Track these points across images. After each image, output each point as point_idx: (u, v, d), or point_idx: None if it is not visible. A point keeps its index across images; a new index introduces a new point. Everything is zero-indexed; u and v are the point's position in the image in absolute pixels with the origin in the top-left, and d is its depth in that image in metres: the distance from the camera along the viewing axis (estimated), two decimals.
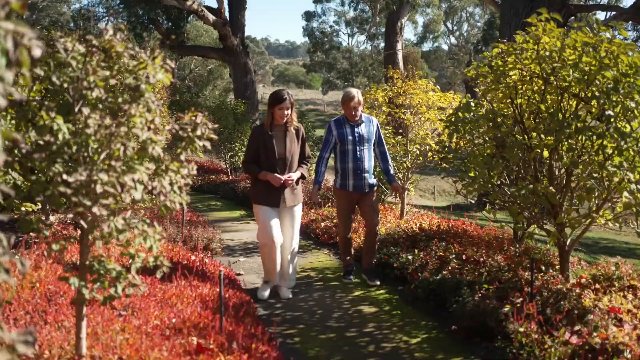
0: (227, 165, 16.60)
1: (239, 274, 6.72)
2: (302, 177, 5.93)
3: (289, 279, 6.03)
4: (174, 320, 4.18)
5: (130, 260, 3.18)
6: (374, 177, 6.41)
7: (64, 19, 38.04)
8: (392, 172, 6.50)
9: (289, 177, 5.70)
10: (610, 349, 3.68)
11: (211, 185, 15.57)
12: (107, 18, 23.68)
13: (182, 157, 3.31)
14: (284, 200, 5.74)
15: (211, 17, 20.17)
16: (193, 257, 6.23)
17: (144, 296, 4.57)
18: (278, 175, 5.63)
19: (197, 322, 4.20)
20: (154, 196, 3.14)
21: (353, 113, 6.21)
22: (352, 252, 6.64)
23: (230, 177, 16.13)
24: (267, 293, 5.85)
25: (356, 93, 6.23)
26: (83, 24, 23.48)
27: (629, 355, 3.59)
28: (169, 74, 3.17)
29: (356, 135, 6.21)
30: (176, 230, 7.60)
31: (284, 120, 5.71)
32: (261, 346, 3.94)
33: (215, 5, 20.88)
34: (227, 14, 20.93)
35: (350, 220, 6.47)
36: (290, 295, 5.88)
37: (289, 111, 5.70)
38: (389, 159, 6.52)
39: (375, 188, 6.41)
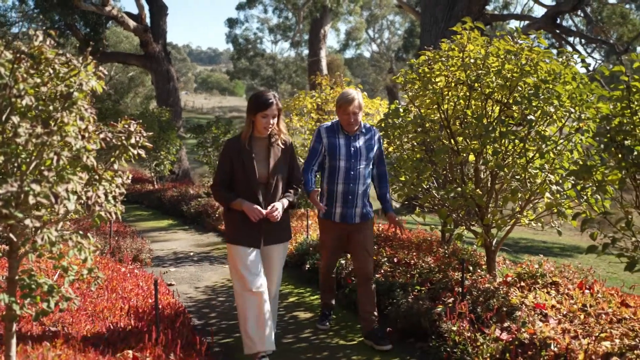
0: (152, 174, 16.26)
1: (170, 285, 6.59)
2: (291, 206, 4.40)
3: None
4: (107, 334, 4.07)
5: (63, 273, 3.09)
6: (371, 206, 4.92)
7: None
8: (389, 197, 5.00)
9: (272, 208, 4.17)
10: (538, 343, 3.85)
11: (136, 195, 15.22)
12: (21, 23, 22.70)
13: (116, 166, 3.24)
14: (266, 238, 4.27)
15: (131, 23, 19.75)
16: (123, 269, 6.08)
17: (74, 310, 4.43)
18: (258, 208, 4.12)
19: (132, 334, 4.10)
20: (85, 207, 3.06)
21: (351, 120, 4.70)
22: (335, 291, 5.35)
23: (156, 186, 15.81)
24: None
25: (356, 95, 4.74)
26: None
27: (556, 349, 3.77)
28: (101, 81, 3.09)
29: (352, 149, 4.72)
30: (104, 242, 7.39)
31: (268, 131, 4.25)
32: (199, 357, 3.89)
33: (135, 11, 20.45)
34: (148, 20, 20.54)
35: (336, 256, 5.07)
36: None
37: (276, 120, 4.25)
38: (388, 183, 5.02)
39: (372, 220, 4.96)
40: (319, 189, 4.79)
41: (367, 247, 4.81)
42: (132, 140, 3.21)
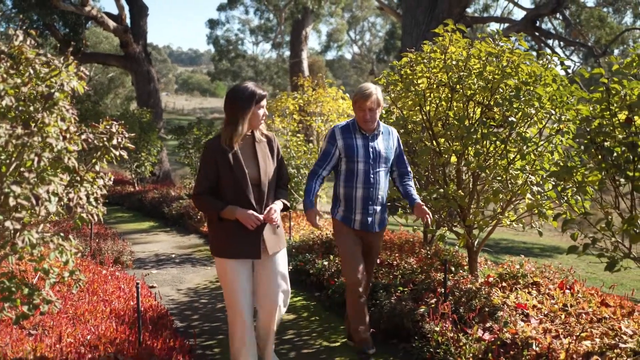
0: (133, 176, 16.14)
1: (152, 287, 6.55)
2: (285, 208, 3.95)
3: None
4: (88, 337, 4.03)
5: (43, 276, 3.05)
6: (386, 211, 4.56)
7: None
8: (413, 191, 4.48)
9: (270, 211, 3.71)
10: (520, 343, 3.88)
11: (117, 197, 15.09)
12: None
13: (97, 168, 3.22)
14: (265, 246, 3.78)
15: (111, 23, 19.58)
16: (104, 272, 6.02)
17: (55, 314, 4.38)
18: (254, 213, 3.63)
19: (114, 337, 4.07)
20: (66, 208, 3.03)
21: (368, 117, 4.26)
22: (368, 319, 4.42)
23: (137, 188, 15.70)
24: None
25: (374, 89, 4.27)
26: None
27: (537, 348, 3.81)
28: (83, 81, 3.07)
29: (371, 150, 4.30)
30: (84, 244, 7.31)
31: (258, 126, 3.80)
32: (181, 359, 3.87)
33: (115, 11, 20.28)
34: (128, 21, 20.38)
35: (360, 262, 4.32)
36: None
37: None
38: (412, 180, 4.58)
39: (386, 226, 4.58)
40: (315, 209, 4.26)
41: (376, 257, 4.60)
42: (114, 142, 3.19)
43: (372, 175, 4.28)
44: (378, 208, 4.35)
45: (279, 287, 3.86)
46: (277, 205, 3.80)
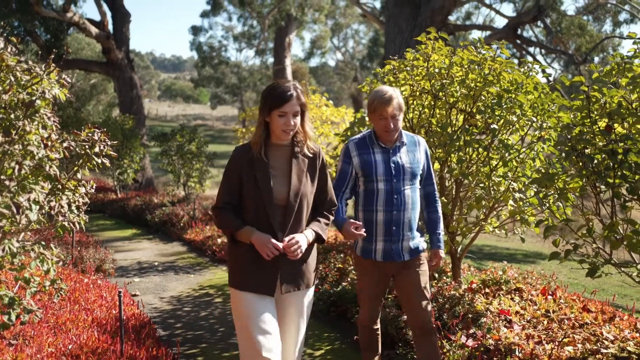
0: (115, 183, 16.03)
1: (135, 295, 6.50)
2: (319, 239, 3.25)
3: None
4: (70, 346, 3.99)
5: (24, 285, 3.02)
6: (422, 235, 3.81)
7: None
8: (440, 229, 3.84)
9: (292, 241, 3.05)
10: (503, 349, 3.90)
11: (99, 204, 14.98)
12: None
13: (80, 175, 3.19)
14: (283, 282, 3.13)
15: (94, 29, 19.48)
16: (86, 280, 5.97)
17: (35, 323, 4.33)
18: (272, 240, 3.02)
19: (96, 346, 4.03)
20: (47, 217, 3.00)
21: (390, 127, 3.58)
22: (380, 349, 3.99)
23: (120, 195, 15.60)
24: None
25: (393, 92, 3.59)
26: None
27: (520, 354, 3.83)
28: (65, 89, 3.05)
29: (392, 166, 3.62)
30: (66, 252, 7.24)
31: (290, 136, 3.15)
32: None
33: (98, 17, 20.18)
34: (110, 27, 20.30)
35: (378, 302, 3.82)
36: None
37: (299, 119, 3.14)
38: (439, 206, 3.88)
39: (424, 254, 3.82)
40: (347, 223, 3.54)
41: (422, 289, 3.69)
42: (96, 149, 3.17)
43: (395, 196, 3.59)
44: (406, 233, 3.63)
45: (295, 344, 3.24)
46: (305, 236, 3.12)
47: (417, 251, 3.69)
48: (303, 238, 3.10)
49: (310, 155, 3.21)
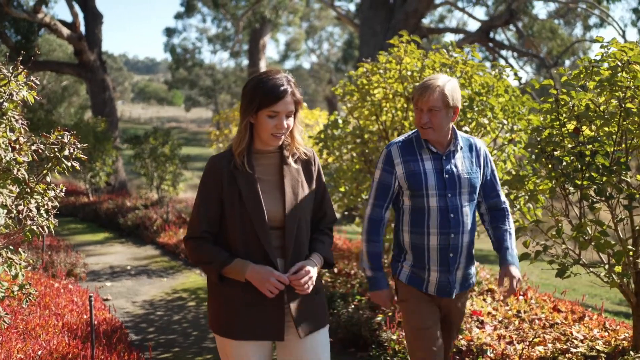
0: (87, 186, 15.83)
1: (106, 299, 6.42)
2: (328, 264, 2.64)
3: None
4: (39, 352, 3.93)
5: None
6: (474, 265, 3.12)
7: None
8: (513, 244, 3.06)
9: (301, 272, 2.44)
10: (475, 350, 3.94)
11: (70, 208, 14.76)
12: None
13: (49, 179, 3.15)
14: (298, 323, 2.47)
15: (65, 31, 19.22)
16: (56, 285, 5.88)
17: (4, 329, 4.25)
18: (274, 272, 2.39)
19: (66, 352, 3.98)
20: (16, 221, 2.96)
21: (425, 120, 2.87)
22: None
23: (92, 199, 15.40)
24: None
25: (441, 82, 2.86)
26: None
27: (492, 355, 3.87)
28: (33, 91, 3.01)
29: (446, 176, 2.90)
30: (36, 256, 7.13)
31: (281, 141, 2.50)
32: None
33: (69, 19, 19.92)
34: (82, 29, 20.04)
35: (437, 343, 2.92)
36: None
37: (292, 120, 2.48)
38: (511, 221, 3.11)
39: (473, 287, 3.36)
40: (386, 281, 2.95)
41: (457, 330, 3.21)
42: (66, 152, 3.13)
43: (451, 214, 2.88)
44: (462, 262, 2.95)
45: None
46: (314, 263, 2.51)
47: (467, 284, 3.07)
48: (313, 266, 2.48)
49: (304, 160, 2.59)
